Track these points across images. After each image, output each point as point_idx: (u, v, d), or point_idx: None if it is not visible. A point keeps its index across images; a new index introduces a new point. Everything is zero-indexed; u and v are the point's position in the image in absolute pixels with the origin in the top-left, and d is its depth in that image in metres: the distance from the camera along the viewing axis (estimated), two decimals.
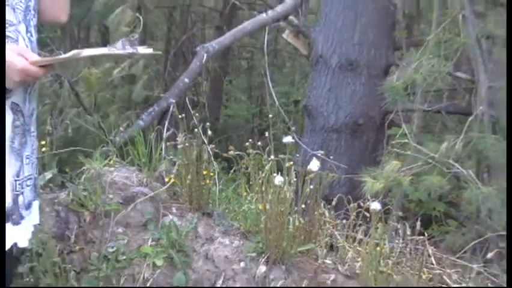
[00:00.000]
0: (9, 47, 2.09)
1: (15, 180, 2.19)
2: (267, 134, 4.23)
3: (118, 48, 2.19)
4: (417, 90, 4.56)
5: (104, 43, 2.33)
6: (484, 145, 4.07)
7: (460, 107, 6.57)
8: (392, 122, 5.66)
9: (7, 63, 2.03)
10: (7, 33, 2.12)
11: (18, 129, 2.18)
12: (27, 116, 2.22)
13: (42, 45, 2.39)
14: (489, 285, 3.70)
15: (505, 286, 3.13)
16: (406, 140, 4.41)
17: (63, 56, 2.12)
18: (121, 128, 5.01)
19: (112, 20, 6.49)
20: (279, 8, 6.00)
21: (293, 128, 6.23)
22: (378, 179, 4.10)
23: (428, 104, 5.15)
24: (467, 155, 4.20)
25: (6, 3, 2.12)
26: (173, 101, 5.13)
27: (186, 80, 5.52)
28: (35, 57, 2.08)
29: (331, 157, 5.10)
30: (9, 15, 2.13)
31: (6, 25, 2.13)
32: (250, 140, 4.07)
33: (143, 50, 2.25)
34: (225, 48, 6.90)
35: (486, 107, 4.22)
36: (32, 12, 2.25)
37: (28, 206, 2.26)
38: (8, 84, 2.07)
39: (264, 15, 5.99)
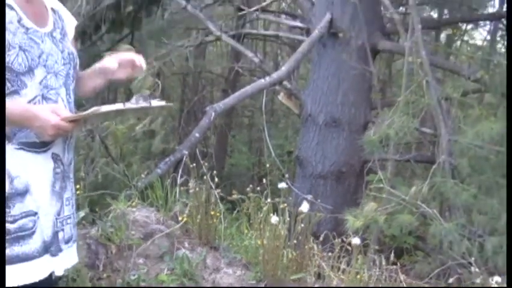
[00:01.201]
0: (44, 106, 2.11)
1: (56, 219, 2.19)
2: (264, 180, 4.26)
3: (132, 103, 2.19)
4: (390, 142, 4.58)
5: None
6: (445, 188, 4.08)
7: (426, 156, 6.58)
8: (370, 169, 5.66)
9: (43, 120, 2.05)
10: (48, 96, 2.13)
11: (58, 176, 2.18)
12: (66, 164, 2.23)
13: (79, 105, 2.41)
14: None
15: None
16: (382, 185, 4.41)
17: (86, 112, 2.10)
18: (142, 175, 5.02)
19: (135, 85, 6.54)
20: (275, 75, 6.04)
21: (287, 175, 6.22)
22: (358, 218, 4.10)
23: (400, 154, 5.17)
24: (432, 197, 4.21)
25: (50, 70, 2.14)
26: (186, 152, 5.13)
27: (197, 134, 5.53)
28: (66, 113, 2.08)
29: (318, 200, 5.10)
30: (51, 81, 2.14)
31: (48, 89, 2.14)
32: (250, 185, 4.10)
33: (156, 103, 2.25)
34: (230, 108, 6.93)
35: (446, 156, 4.24)
36: (71, 78, 2.26)
37: (67, 241, 2.26)
38: (44, 137, 2.09)
39: (262, 80, 6.02)
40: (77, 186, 4.10)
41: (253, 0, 11.52)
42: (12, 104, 2.04)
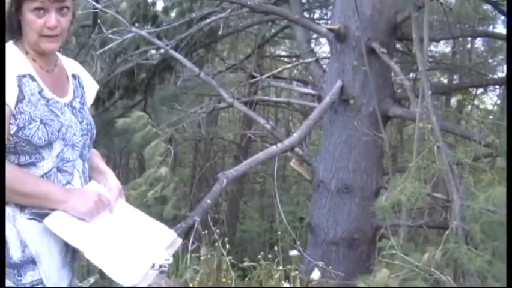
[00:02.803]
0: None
1: None
2: (276, 247, 4.26)
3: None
4: (402, 208, 4.57)
5: (141, 169, 2.38)
6: (459, 254, 4.05)
7: (438, 222, 6.54)
8: (382, 235, 5.63)
9: (84, 190, 2.14)
10: (63, 168, 2.14)
11: (69, 247, 2.19)
12: None
13: None
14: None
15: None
16: (394, 251, 4.38)
17: None
18: None
19: (148, 151, 6.61)
20: (287, 141, 6.08)
21: (298, 242, 6.20)
22: (371, 285, 4.07)
23: (412, 220, 5.15)
24: (446, 263, 4.17)
25: (67, 142, 2.15)
26: (198, 219, 5.13)
27: (209, 201, 5.53)
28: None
29: (330, 267, 5.07)
30: (68, 153, 2.15)
31: (64, 161, 2.15)
32: (262, 252, 4.10)
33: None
34: (242, 174, 6.96)
35: (459, 222, 4.22)
36: (87, 149, 2.27)
37: None
38: (81, 209, 2.11)
39: (274, 147, 6.06)
40: None
41: (265, 67, 11.75)
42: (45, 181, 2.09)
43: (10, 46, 2.13)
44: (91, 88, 2.40)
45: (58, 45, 2.17)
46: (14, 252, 2.04)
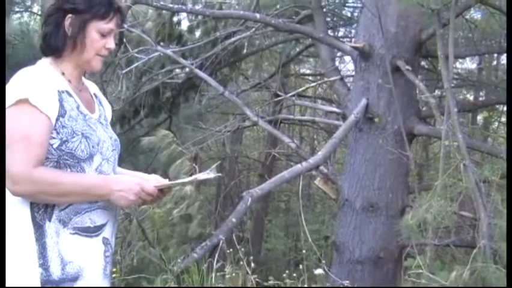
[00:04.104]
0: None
1: None
2: (301, 266, 4.24)
3: (207, 173, 2.33)
4: (428, 227, 4.53)
5: None
6: (487, 273, 4.00)
7: (466, 241, 6.45)
8: (408, 254, 5.58)
9: (126, 182, 2.17)
10: None
11: (108, 259, 2.22)
12: (113, 247, 2.29)
13: None
14: None
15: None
16: (421, 270, 4.35)
17: (171, 182, 2.38)
18: (179, 259, 5.03)
19: (173, 169, 6.65)
20: (312, 160, 6.07)
21: (323, 261, 6.16)
22: None
23: (439, 239, 5.10)
24: (474, 283, 4.12)
25: (104, 156, 2.21)
26: (223, 237, 5.13)
27: (234, 219, 5.54)
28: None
29: (355, 286, 5.03)
30: (105, 167, 2.21)
31: (102, 174, 2.20)
32: (287, 271, 4.09)
33: (203, 176, 2.35)
34: (267, 193, 6.96)
35: (487, 240, 4.18)
36: (116, 164, 2.35)
37: None
38: (122, 201, 2.15)
39: (299, 165, 6.05)
40: (114, 269, 4.14)
41: (290, 85, 11.77)
42: (84, 175, 2.14)
43: (45, 64, 2.20)
44: (108, 108, 2.49)
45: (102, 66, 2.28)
46: (54, 269, 2.08)
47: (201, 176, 2.32)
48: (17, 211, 2.10)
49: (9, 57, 6.62)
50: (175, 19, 8.74)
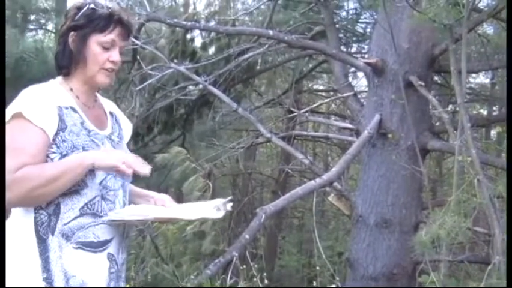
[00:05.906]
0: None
1: None
2: (315, 282, 4.23)
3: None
4: (442, 243, 4.51)
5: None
6: None
7: (480, 257, 6.42)
8: (422, 271, 5.56)
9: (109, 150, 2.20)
10: (106, 196, 2.21)
11: (113, 275, 2.23)
12: (120, 264, 2.29)
13: None
14: None
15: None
16: (435, 286, 4.32)
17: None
18: (192, 276, 5.03)
19: (186, 186, 6.66)
20: (325, 176, 6.06)
21: (337, 278, 6.14)
22: None
23: (453, 255, 5.08)
24: None
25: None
26: (236, 254, 5.13)
27: (247, 236, 5.53)
28: None
29: None
30: (110, 182, 2.22)
31: (107, 189, 2.21)
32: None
33: (211, 214, 2.34)
34: (280, 209, 6.95)
35: (502, 256, 4.15)
36: (128, 181, 2.35)
37: None
38: (107, 160, 2.14)
39: (312, 182, 6.05)
40: (127, 286, 4.14)
41: (303, 102, 11.79)
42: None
43: (55, 82, 2.24)
44: (127, 126, 2.51)
45: (111, 81, 2.28)
46: (58, 283, 2.10)
47: (209, 214, 2.32)
48: (21, 225, 2.13)
49: (23, 74, 6.69)
50: (188, 36, 8.79)
